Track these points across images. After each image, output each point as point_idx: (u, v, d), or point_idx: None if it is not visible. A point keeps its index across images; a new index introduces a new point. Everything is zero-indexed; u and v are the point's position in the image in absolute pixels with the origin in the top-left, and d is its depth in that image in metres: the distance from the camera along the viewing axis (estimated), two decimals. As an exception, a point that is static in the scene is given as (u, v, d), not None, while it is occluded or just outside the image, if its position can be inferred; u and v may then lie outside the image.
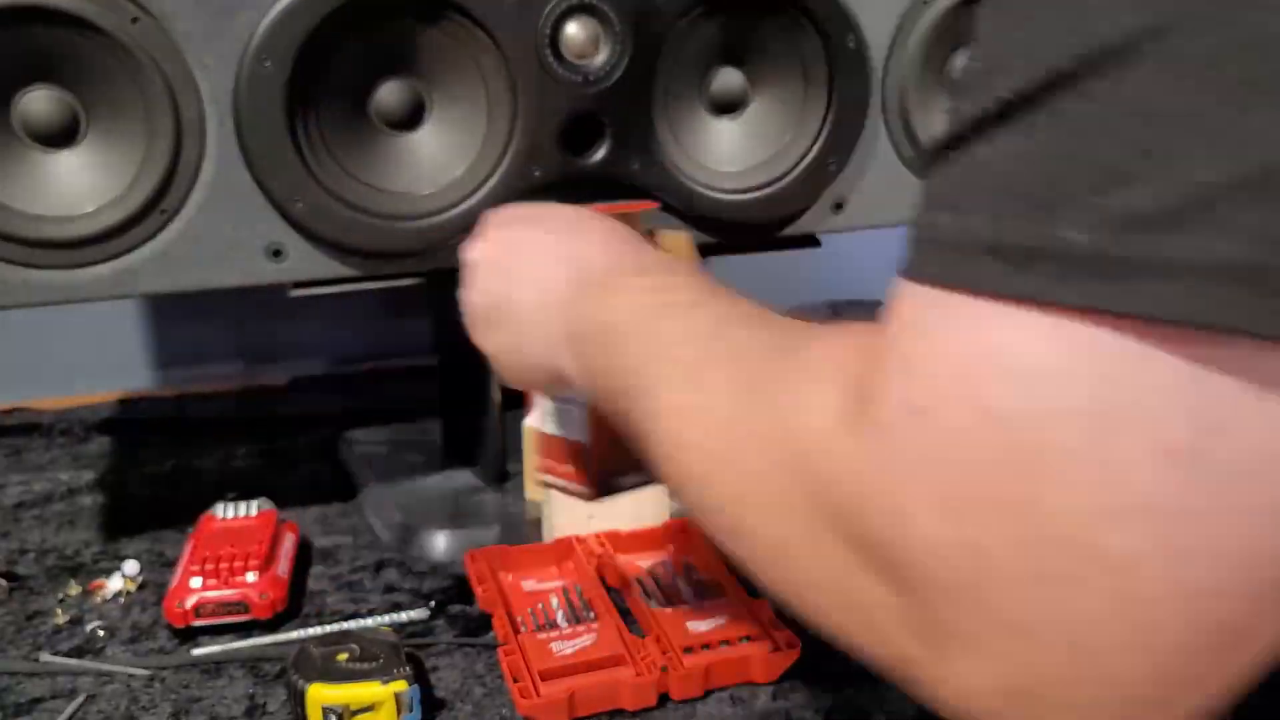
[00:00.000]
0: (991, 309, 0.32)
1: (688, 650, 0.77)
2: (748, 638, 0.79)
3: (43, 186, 0.78)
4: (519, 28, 0.81)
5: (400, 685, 0.71)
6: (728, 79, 0.91)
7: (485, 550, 0.89)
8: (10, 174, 0.77)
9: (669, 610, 0.82)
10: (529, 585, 0.88)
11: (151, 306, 1.34)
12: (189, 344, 1.37)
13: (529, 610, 0.84)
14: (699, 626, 0.79)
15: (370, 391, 1.31)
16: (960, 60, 0.98)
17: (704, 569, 0.88)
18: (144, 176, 0.79)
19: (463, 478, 1.04)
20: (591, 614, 0.82)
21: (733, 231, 0.94)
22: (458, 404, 1.06)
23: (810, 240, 0.98)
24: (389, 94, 0.83)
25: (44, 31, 0.75)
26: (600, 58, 0.84)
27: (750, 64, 0.91)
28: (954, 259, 0.34)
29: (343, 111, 0.82)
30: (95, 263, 0.80)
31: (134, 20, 0.75)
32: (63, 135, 0.78)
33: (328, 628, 0.83)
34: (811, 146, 0.93)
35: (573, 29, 0.83)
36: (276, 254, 0.83)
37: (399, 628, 0.84)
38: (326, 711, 0.71)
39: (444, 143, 0.85)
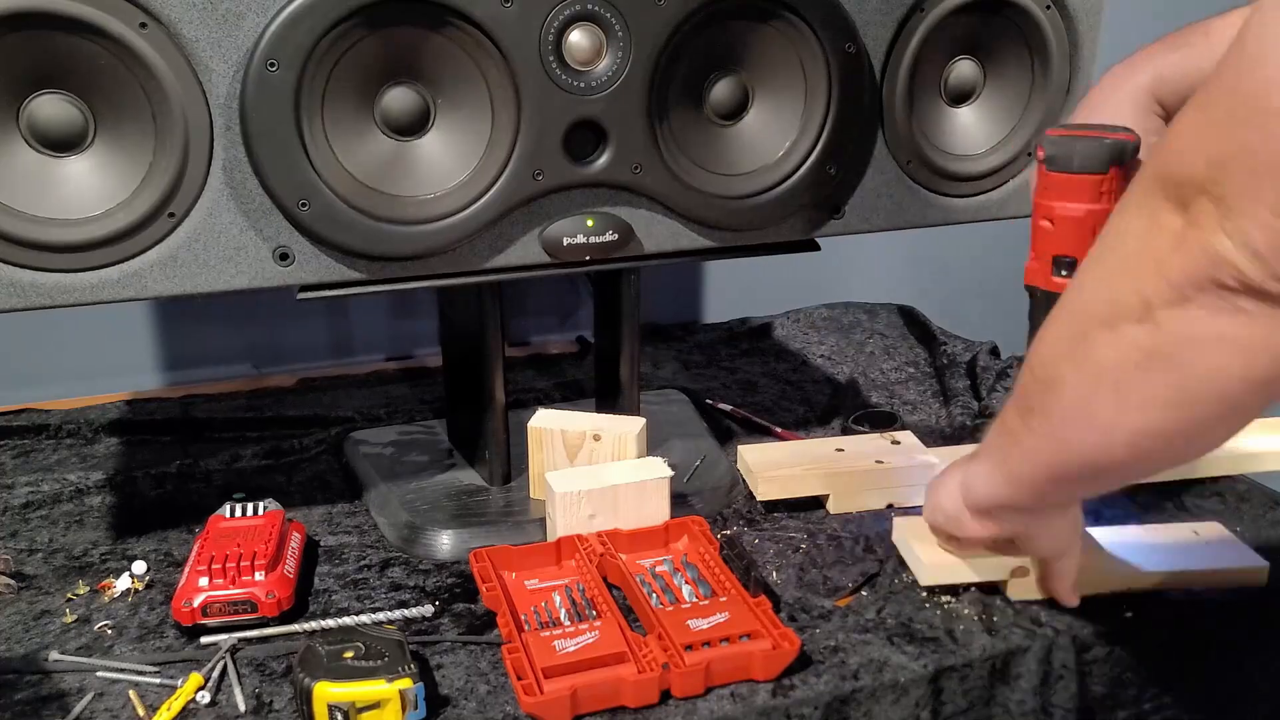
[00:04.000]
0: None
1: (689, 648, 0.78)
2: (748, 635, 0.80)
3: (51, 190, 0.79)
4: (523, 35, 0.82)
5: (405, 683, 0.72)
6: (728, 86, 0.91)
7: (489, 549, 0.90)
8: (19, 178, 0.78)
9: (670, 608, 0.83)
10: (532, 584, 0.89)
11: (159, 308, 1.35)
12: (196, 345, 1.38)
13: (532, 608, 0.85)
14: (700, 624, 0.80)
15: (376, 392, 1.32)
16: (958, 67, 0.98)
17: (704, 568, 0.89)
18: (152, 181, 0.80)
19: (467, 477, 1.04)
20: (594, 612, 0.83)
21: (733, 236, 0.95)
22: (462, 404, 1.07)
23: (809, 244, 0.99)
24: (395, 100, 0.83)
25: (52, 37, 0.75)
26: (603, 65, 0.85)
27: (750, 71, 0.92)
28: None
29: (349, 117, 0.83)
30: (103, 266, 0.80)
31: (142, 26, 0.76)
32: (71, 140, 0.79)
33: (334, 622, 0.84)
34: (811, 152, 0.93)
35: (576, 36, 0.83)
36: (284, 258, 0.84)
37: (404, 626, 0.85)
38: (332, 709, 0.71)
39: (449, 148, 0.85)
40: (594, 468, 0.97)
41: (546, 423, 0.99)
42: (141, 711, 0.76)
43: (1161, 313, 0.55)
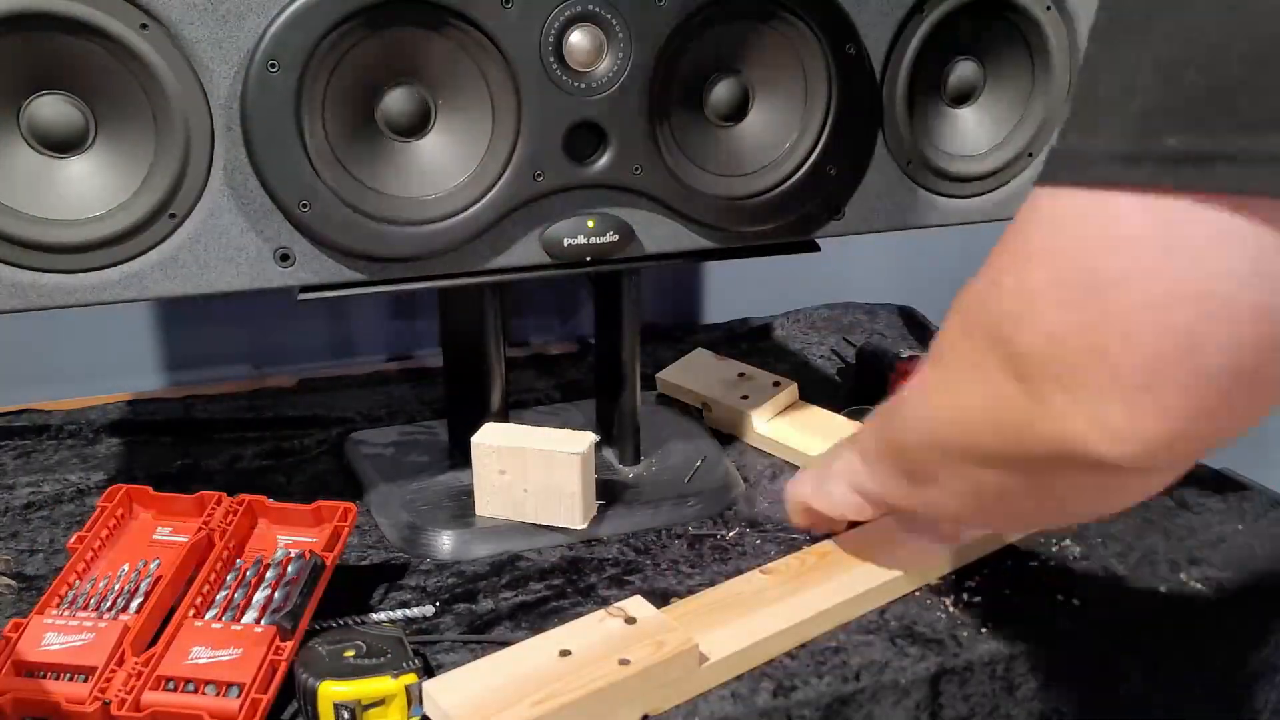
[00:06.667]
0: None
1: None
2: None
3: (52, 191, 0.79)
4: (524, 36, 0.82)
5: (410, 678, 0.72)
6: (729, 86, 0.91)
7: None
8: (20, 179, 0.78)
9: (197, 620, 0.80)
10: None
11: (160, 309, 1.35)
12: (197, 346, 1.38)
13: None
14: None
15: (376, 392, 1.31)
16: (958, 68, 0.99)
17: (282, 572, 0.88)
18: (152, 182, 0.80)
19: (468, 477, 1.04)
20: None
21: (733, 236, 0.95)
22: (463, 405, 1.07)
23: (809, 244, 0.99)
24: (396, 101, 0.83)
25: (52, 37, 0.75)
26: (603, 66, 0.85)
27: (751, 71, 0.92)
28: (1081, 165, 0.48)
29: (350, 118, 0.83)
30: (104, 267, 0.80)
31: (142, 26, 0.76)
32: (71, 141, 0.79)
33: (334, 623, 0.84)
34: (811, 152, 0.93)
35: (576, 37, 0.83)
36: (284, 258, 0.84)
37: (404, 625, 0.85)
38: (338, 708, 0.71)
39: (449, 149, 0.85)
40: (527, 430, 0.97)
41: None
42: (143, 712, 0.75)
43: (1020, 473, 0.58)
